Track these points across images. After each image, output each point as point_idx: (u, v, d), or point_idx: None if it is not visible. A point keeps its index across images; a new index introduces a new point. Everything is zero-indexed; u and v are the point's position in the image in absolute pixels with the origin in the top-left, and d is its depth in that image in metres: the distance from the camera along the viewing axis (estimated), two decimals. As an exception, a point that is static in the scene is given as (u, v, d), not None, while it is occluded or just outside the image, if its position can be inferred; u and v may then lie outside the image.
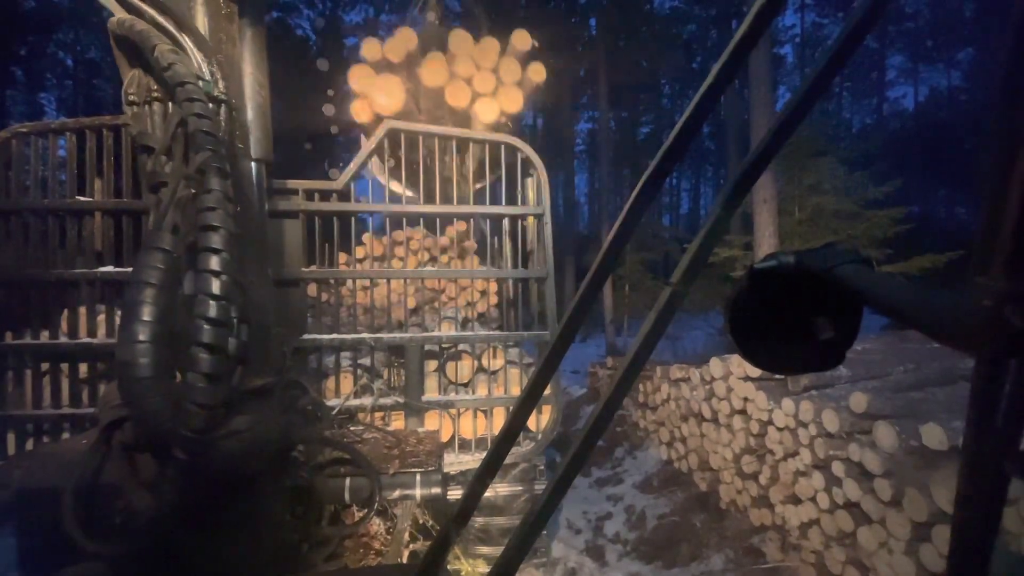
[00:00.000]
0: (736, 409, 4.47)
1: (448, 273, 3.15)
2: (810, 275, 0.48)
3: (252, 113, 2.23)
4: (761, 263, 0.51)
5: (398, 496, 2.26)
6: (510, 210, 3.05)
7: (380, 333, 3.06)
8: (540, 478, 4.21)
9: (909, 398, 3.41)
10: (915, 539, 2.88)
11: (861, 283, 0.45)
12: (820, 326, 0.48)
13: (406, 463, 2.22)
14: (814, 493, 3.58)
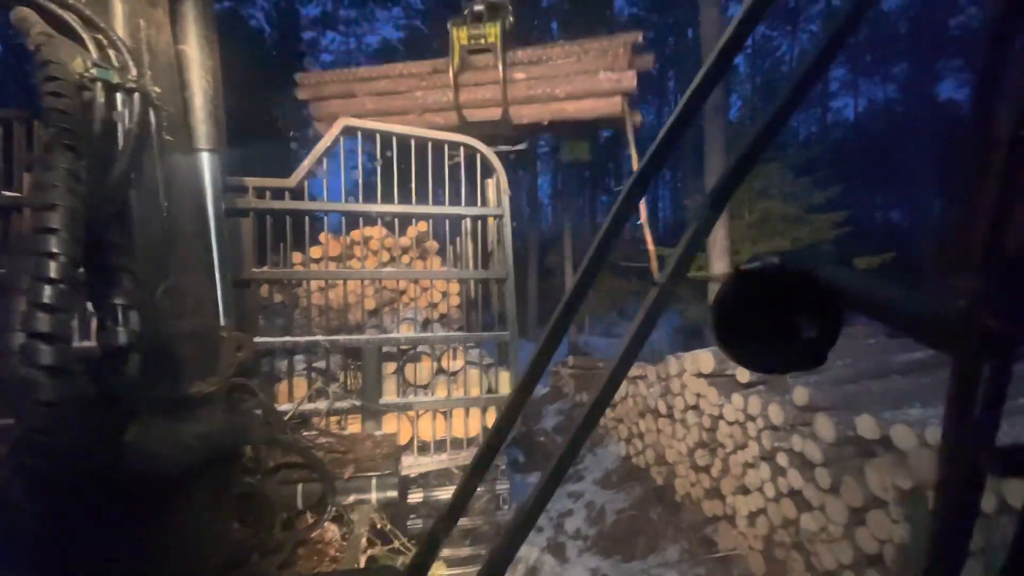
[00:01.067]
0: (690, 405, 4.64)
1: (404, 274, 3.13)
2: (794, 276, 0.49)
3: (200, 103, 2.14)
4: (747, 265, 0.52)
5: (353, 501, 2.22)
6: (470, 211, 3.05)
7: (336, 335, 3.00)
8: (501, 478, 4.22)
9: (846, 391, 3.64)
10: (852, 523, 3.07)
11: (842, 284, 0.47)
12: (803, 326, 0.48)
13: (362, 467, 2.19)
14: (761, 483, 3.76)
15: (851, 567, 3.05)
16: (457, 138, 3.03)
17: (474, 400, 2.98)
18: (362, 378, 2.84)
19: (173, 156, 1.67)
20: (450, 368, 3.15)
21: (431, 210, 3.03)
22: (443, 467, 3.07)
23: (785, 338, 0.49)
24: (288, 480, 2.23)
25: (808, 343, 0.48)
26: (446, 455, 2.95)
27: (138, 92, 1.49)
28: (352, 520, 2.83)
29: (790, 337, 0.49)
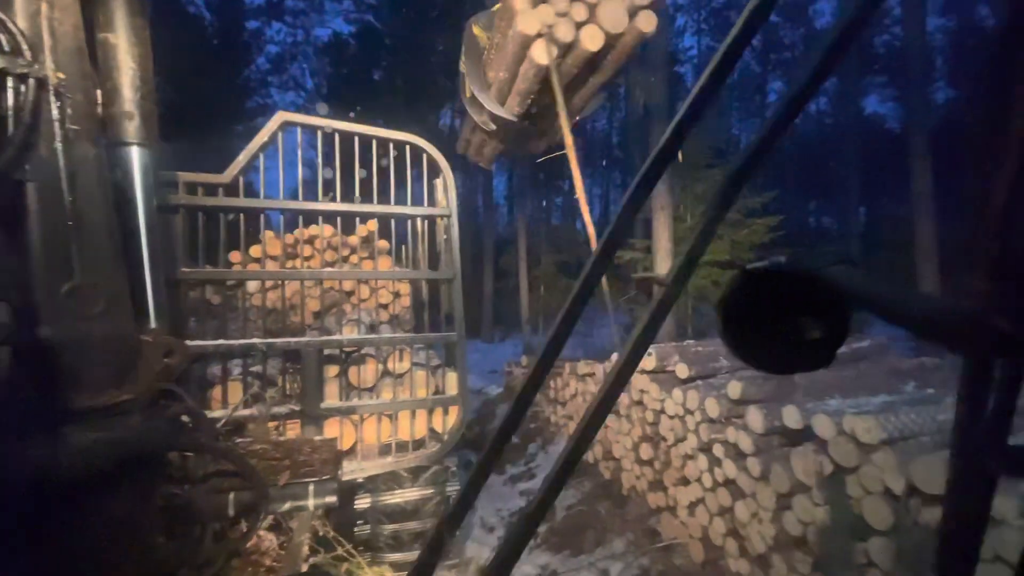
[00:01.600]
0: (634, 400, 4.79)
1: (345, 274, 3.05)
2: (801, 276, 0.49)
3: (129, 95, 2.03)
4: (753, 264, 0.52)
5: (289, 508, 2.15)
6: (417, 210, 3.03)
7: (275, 338, 2.89)
8: (452, 480, 4.20)
9: (775, 384, 3.87)
10: (780, 508, 3.27)
11: (850, 284, 0.47)
12: (810, 326, 0.48)
13: (298, 473, 2.12)
14: (699, 474, 3.94)
15: (778, 549, 3.25)
16: (403, 136, 3.00)
17: (420, 402, 2.96)
18: (301, 382, 2.75)
19: (81, 147, 1.56)
20: (396, 370, 3.10)
21: (375, 209, 2.98)
22: (389, 470, 3.03)
23: (791, 338, 0.49)
24: (219, 489, 2.13)
25: (814, 343, 0.48)
26: (391, 458, 2.91)
27: (32, 78, 1.38)
28: (291, 528, 2.75)
29: (796, 337, 0.48)
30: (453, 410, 3.06)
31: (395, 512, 3.88)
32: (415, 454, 2.96)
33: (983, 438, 0.41)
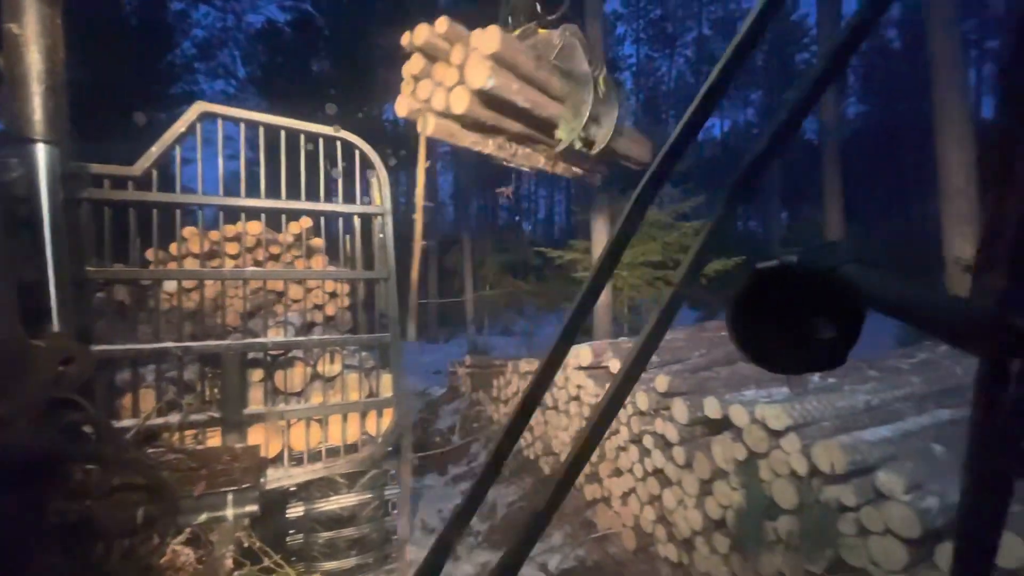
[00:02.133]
0: (572, 396, 4.92)
1: (271, 274, 2.93)
2: (812, 275, 0.48)
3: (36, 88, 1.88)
4: (763, 263, 0.50)
5: (206, 519, 2.04)
6: (349, 208, 2.95)
7: (193, 341, 2.72)
8: (392, 484, 4.13)
9: (699, 377, 4.11)
10: (702, 494, 3.48)
11: (864, 283, 0.45)
12: (822, 326, 0.47)
13: (215, 483, 2.02)
14: (631, 465, 4.11)
15: (702, 533, 3.46)
16: (333, 132, 2.92)
17: (352, 405, 2.89)
18: (222, 388, 2.61)
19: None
20: (326, 373, 3.01)
21: (302, 206, 2.88)
22: (318, 476, 2.93)
23: (803, 338, 0.48)
24: (125, 503, 1.99)
25: (827, 343, 0.47)
26: (321, 464, 2.82)
27: None
28: (211, 541, 2.60)
29: (808, 337, 0.47)
30: (387, 412, 3.01)
31: (330, 519, 3.77)
32: (347, 459, 2.89)
33: (999, 440, 0.39)
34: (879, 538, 2.44)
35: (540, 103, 3.39)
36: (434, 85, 3.22)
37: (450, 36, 3.12)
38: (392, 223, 2.99)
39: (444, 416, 8.58)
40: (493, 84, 2.88)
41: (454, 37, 3.13)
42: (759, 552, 2.99)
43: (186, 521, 2.12)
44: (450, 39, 3.14)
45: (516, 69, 3.17)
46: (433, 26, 3.07)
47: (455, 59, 3.12)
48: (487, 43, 2.98)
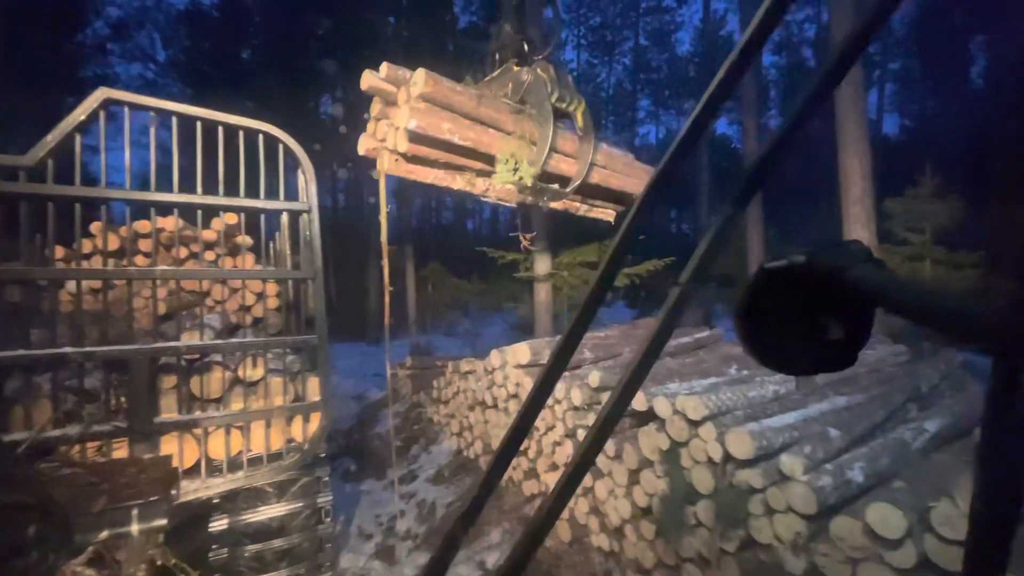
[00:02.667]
0: (511, 394, 4.99)
1: (184, 273, 2.76)
2: (821, 275, 0.47)
3: None
4: (772, 263, 0.49)
5: (107, 536, 1.90)
6: (270, 204, 2.83)
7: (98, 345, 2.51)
8: (325, 491, 4.00)
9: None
10: (631, 484, 3.64)
11: (874, 284, 0.44)
12: (831, 326, 0.47)
13: (119, 497, 1.88)
14: (566, 459, 4.23)
15: (631, 521, 3.62)
16: (255, 125, 2.79)
17: (276, 410, 2.78)
18: (128, 395, 2.43)
19: None
20: (247, 377, 2.87)
21: (220, 201, 2.73)
22: (242, 486, 2.80)
23: (812, 338, 0.47)
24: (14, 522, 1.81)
25: (836, 344, 0.47)
26: (242, 473, 2.69)
27: None
28: (118, 560, 2.42)
29: (817, 337, 0.47)
30: (313, 416, 2.92)
31: (258, 531, 3.60)
32: (270, 467, 2.77)
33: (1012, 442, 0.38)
34: (782, 516, 2.67)
35: (481, 140, 3.47)
36: (387, 126, 3.34)
37: (392, 79, 3.25)
38: (319, 221, 2.89)
39: (383, 419, 8.40)
40: (416, 125, 2.98)
41: (397, 80, 3.25)
42: (680, 536, 3.17)
43: (85, 540, 1.97)
44: (394, 82, 3.26)
45: (452, 108, 3.26)
46: (377, 71, 3.22)
47: (400, 100, 3.23)
48: (415, 85, 3.09)
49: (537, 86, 3.83)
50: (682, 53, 33.80)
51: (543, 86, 3.81)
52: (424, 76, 3.09)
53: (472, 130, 3.37)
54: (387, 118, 3.38)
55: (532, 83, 3.87)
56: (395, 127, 3.22)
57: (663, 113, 35.33)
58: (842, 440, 2.91)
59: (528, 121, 3.72)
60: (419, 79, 3.08)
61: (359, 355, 13.12)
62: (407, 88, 3.20)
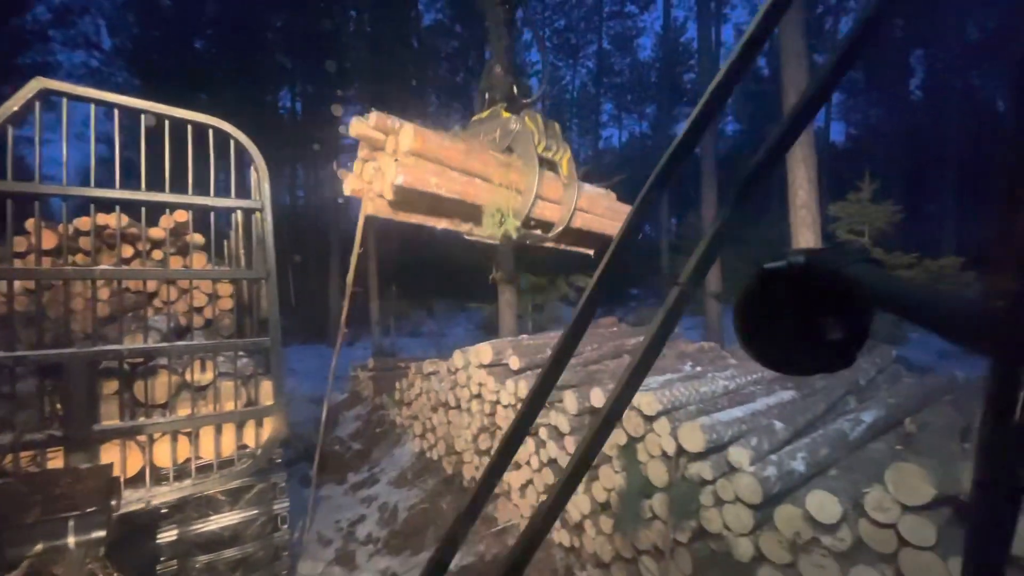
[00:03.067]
0: (474, 394, 4.99)
1: (128, 273, 2.63)
2: (820, 275, 0.47)
3: None
4: (771, 263, 0.49)
5: (42, 550, 1.79)
6: (220, 202, 2.74)
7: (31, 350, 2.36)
8: (281, 497, 3.90)
9: (590, 370, 4.38)
10: (590, 480, 3.71)
11: (872, 284, 0.45)
12: (830, 327, 0.46)
13: (53, 508, 1.78)
14: (528, 457, 4.27)
15: (590, 516, 3.69)
16: (205, 119, 2.69)
17: (226, 415, 2.69)
18: (65, 402, 2.29)
19: None
20: (196, 381, 2.77)
21: (166, 198, 2.62)
22: (191, 494, 2.69)
23: (811, 338, 0.47)
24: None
25: (835, 344, 0.47)
26: (190, 481, 2.59)
27: None
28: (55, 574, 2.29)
29: (816, 337, 0.47)
30: (267, 421, 2.84)
31: (210, 541, 3.48)
32: (221, 474, 2.67)
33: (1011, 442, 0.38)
34: (731, 506, 2.79)
35: (466, 191, 3.63)
36: (375, 170, 3.50)
37: (381, 127, 3.37)
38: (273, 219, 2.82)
39: (345, 422, 8.23)
40: (404, 181, 3.14)
41: (386, 128, 3.39)
42: (637, 529, 3.26)
43: (17, 553, 1.85)
44: (383, 130, 3.40)
45: (442, 162, 3.43)
46: (367, 119, 3.34)
47: (389, 148, 3.39)
48: (404, 140, 3.26)
49: (524, 136, 4.05)
50: (644, 58, 34.69)
51: (530, 137, 4.03)
52: (412, 133, 3.22)
53: (459, 182, 3.54)
54: (374, 160, 3.51)
55: (520, 133, 4.09)
56: (383, 172, 3.37)
57: (626, 117, 36.13)
58: (786, 432, 3.06)
59: (515, 171, 3.89)
60: (407, 136, 3.21)
61: (319, 357, 12.81)
62: (396, 138, 3.33)
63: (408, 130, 3.26)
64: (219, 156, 2.79)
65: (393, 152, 3.40)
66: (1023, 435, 0.38)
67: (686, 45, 30.68)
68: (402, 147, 3.28)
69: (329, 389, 5.02)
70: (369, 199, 3.54)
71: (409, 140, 3.23)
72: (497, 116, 4.37)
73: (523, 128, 4.08)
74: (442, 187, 3.40)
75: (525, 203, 3.89)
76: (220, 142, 2.77)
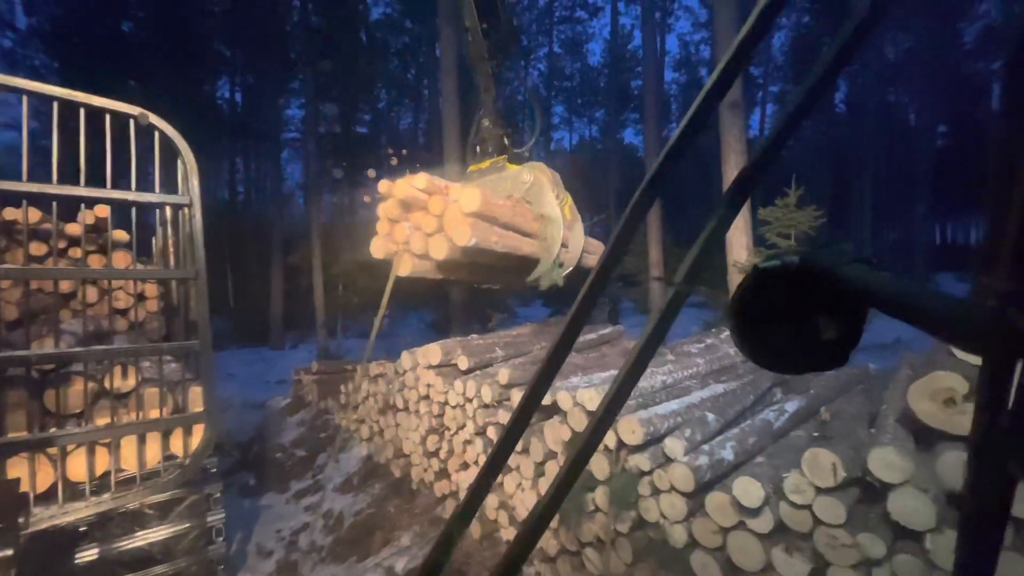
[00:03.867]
0: (422, 395, 4.94)
1: (36, 273, 2.43)
2: (814, 274, 0.47)
3: None
4: (765, 262, 0.49)
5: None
6: (140, 197, 2.56)
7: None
8: (215, 509, 3.72)
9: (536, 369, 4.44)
10: (536, 476, 3.78)
11: (866, 283, 0.45)
12: (823, 326, 0.47)
13: (-58, 532, 1.61)
14: (477, 457, 4.28)
15: (537, 512, 3.76)
16: (124, 108, 2.51)
17: (149, 424, 2.53)
18: (-41, 414, 2.08)
19: None
20: (116, 389, 2.59)
21: (78, 192, 2.43)
22: (108, 510, 2.51)
23: (804, 337, 0.47)
24: None
25: (829, 343, 0.47)
26: (109, 495, 2.42)
27: None
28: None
29: (809, 336, 0.47)
30: (196, 428, 2.69)
31: (136, 559, 3.26)
32: (145, 486, 2.51)
33: (1002, 441, 0.38)
34: (667, 495, 2.93)
35: (517, 246, 3.86)
36: (411, 229, 3.59)
37: (429, 188, 3.52)
38: (201, 216, 2.67)
39: (287, 428, 7.92)
40: (475, 242, 3.33)
41: (432, 189, 3.53)
42: (581, 522, 3.35)
43: None
44: (428, 191, 3.53)
45: (496, 220, 3.59)
46: (415, 180, 3.50)
47: (434, 209, 3.48)
48: (469, 202, 3.36)
49: (539, 188, 4.34)
50: (593, 64, 35.52)
51: (546, 187, 4.31)
52: (478, 195, 3.41)
53: (511, 238, 3.83)
54: (405, 219, 3.65)
55: (535, 185, 4.37)
56: (424, 232, 3.53)
57: (576, 120, 36.85)
58: (717, 423, 3.25)
59: (543, 221, 4.22)
60: (473, 199, 3.37)
61: (261, 361, 12.26)
62: (444, 196, 3.50)
63: (475, 192, 3.40)
64: (145, 148, 2.62)
65: (439, 211, 3.49)
66: (1013, 431, 0.38)
67: (633, 52, 31.69)
68: (467, 208, 3.37)
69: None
70: (404, 260, 3.66)
71: (477, 203, 3.35)
72: (501, 168, 4.60)
73: (537, 179, 4.33)
74: (499, 243, 3.60)
75: (574, 255, 4.22)
76: (145, 134, 2.60)
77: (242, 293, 17.56)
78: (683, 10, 33.80)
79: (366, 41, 19.36)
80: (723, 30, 7.26)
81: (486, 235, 3.44)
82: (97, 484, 2.61)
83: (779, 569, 2.50)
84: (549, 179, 4.40)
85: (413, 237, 3.59)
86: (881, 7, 0.54)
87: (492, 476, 0.74)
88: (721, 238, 0.63)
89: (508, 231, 3.77)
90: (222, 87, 22.93)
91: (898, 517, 2.23)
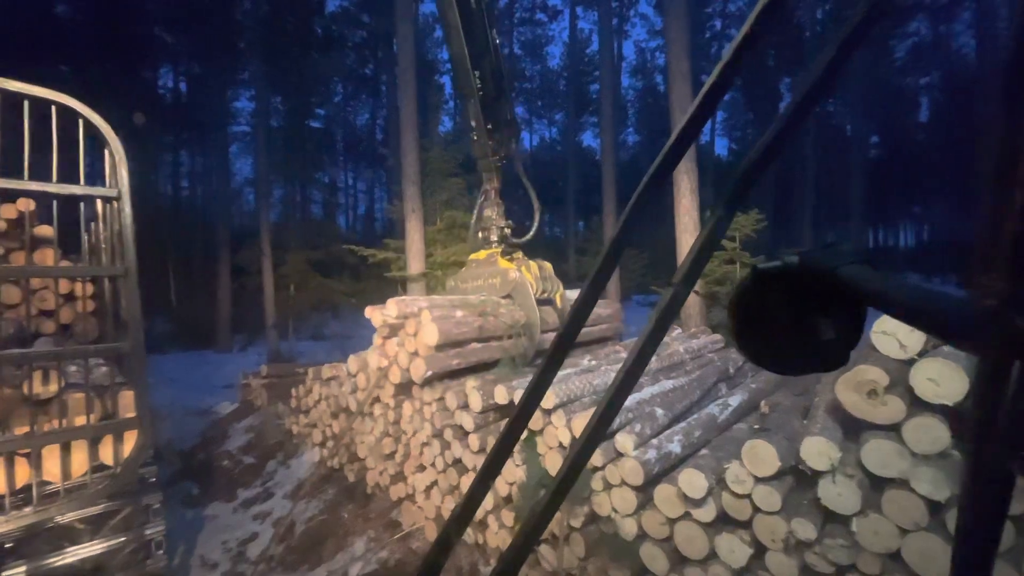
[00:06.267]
0: (374, 398, 4.84)
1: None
2: (814, 275, 0.47)
3: None
4: (765, 264, 0.49)
5: None
6: (65, 189, 2.39)
7: None
8: (154, 520, 3.51)
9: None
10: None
11: (865, 283, 0.44)
12: (823, 327, 0.47)
13: None
14: (433, 459, 4.24)
15: (493, 511, 3.76)
16: (46, 94, 2.33)
17: (74, 432, 2.36)
18: None
19: None
20: (36, 394, 2.40)
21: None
22: (29, 524, 2.32)
23: (804, 338, 0.47)
24: None
25: (829, 344, 0.47)
26: (30, 509, 2.24)
27: None
28: None
29: (809, 337, 0.47)
30: (128, 435, 2.53)
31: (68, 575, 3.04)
32: (71, 498, 2.34)
33: (999, 441, 0.38)
34: (618, 489, 3.00)
35: (481, 357, 4.54)
36: (398, 346, 4.36)
37: (400, 315, 4.28)
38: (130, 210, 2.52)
39: (235, 435, 7.57)
40: (431, 373, 4.11)
41: (405, 313, 4.29)
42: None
43: None
44: (403, 316, 4.30)
45: (460, 343, 4.37)
46: (385, 309, 4.32)
47: (409, 330, 4.29)
48: (427, 338, 4.10)
49: (523, 288, 4.83)
50: (553, 66, 35.94)
51: (528, 288, 4.83)
52: (436, 332, 4.01)
53: (474, 352, 4.49)
54: (396, 337, 4.40)
55: (519, 284, 4.85)
56: (406, 349, 4.26)
57: (536, 122, 37.19)
58: (665, 418, 3.36)
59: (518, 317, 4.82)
60: (431, 335, 4.02)
61: (207, 365, 11.67)
62: (416, 320, 4.17)
63: (432, 329, 4.00)
64: (70, 138, 2.44)
65: (414, 331, 4.21)
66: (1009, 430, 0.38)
67: (591, 57, 32.26)
68: (426, 341, 4.03)
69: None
70: (393, 371, 4.36)
71: (435, 338, 4.03)
72: (494, 263, 5.11)
73: (521, 279, 4.83)
74: (461, 363, 4.33)
75: (531, 346, 4.75)
76: (68, 122, 2.42)
77: (186, 293, 16.65)
78: (639, 17, 34.76)
79: (321, 33, 18.82)
80: (675, 40, 7.50)
81: (446, 362, 4.19)
82: (21, 498, 2.42)
83: (722, 557, 2.61)
84: (536, 276, 4.95)
85: (399, 353, 4.30)
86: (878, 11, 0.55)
87: (492, 476, 0.75)
88: (719, 239, 0.63)
89: (475, 343, 4.54)
90: (165, 76, 21.70)
91: (827, 503, 2.38)
